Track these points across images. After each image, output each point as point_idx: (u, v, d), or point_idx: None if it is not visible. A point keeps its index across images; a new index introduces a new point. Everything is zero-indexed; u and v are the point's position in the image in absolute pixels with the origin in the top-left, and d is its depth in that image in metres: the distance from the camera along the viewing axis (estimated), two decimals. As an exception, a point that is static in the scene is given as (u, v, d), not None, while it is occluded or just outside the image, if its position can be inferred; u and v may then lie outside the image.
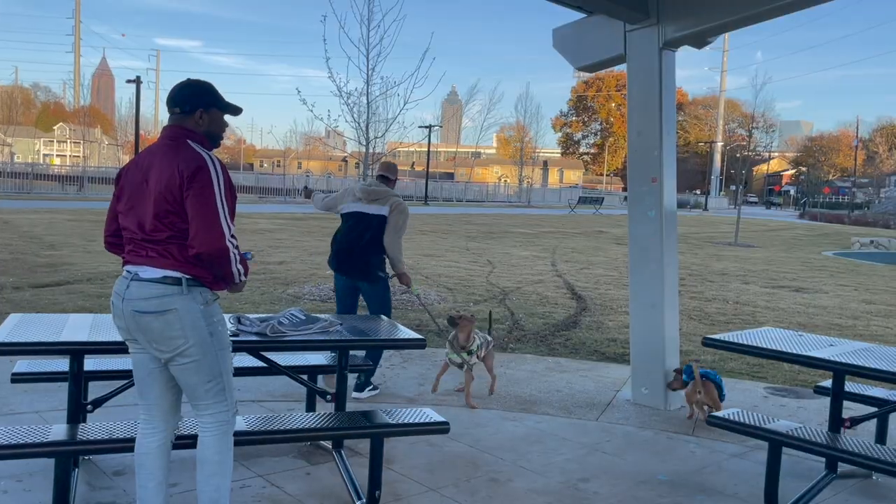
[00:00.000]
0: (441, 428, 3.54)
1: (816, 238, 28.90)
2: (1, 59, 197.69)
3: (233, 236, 2.76)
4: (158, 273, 2.70)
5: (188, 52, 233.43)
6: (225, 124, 2.93)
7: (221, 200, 2.70)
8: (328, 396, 3.77)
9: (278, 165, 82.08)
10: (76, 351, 3.17)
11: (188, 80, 2.91)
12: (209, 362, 2.78)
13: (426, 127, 44.18)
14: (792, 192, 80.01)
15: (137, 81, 29.10)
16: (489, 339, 5.53)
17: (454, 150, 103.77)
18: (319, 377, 4.44)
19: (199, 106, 2.82)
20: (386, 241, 5.18)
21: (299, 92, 10.63)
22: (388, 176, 5.43)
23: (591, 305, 9.72)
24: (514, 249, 17.46)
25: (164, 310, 2.69)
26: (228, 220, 2.73)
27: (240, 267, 2.82)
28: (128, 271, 2.77)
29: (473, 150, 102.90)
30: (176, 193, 2.66)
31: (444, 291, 10.19)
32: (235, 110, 2.94)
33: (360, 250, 5.16)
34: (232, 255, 2.74)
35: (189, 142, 2.77)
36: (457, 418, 4.64)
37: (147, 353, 2.81)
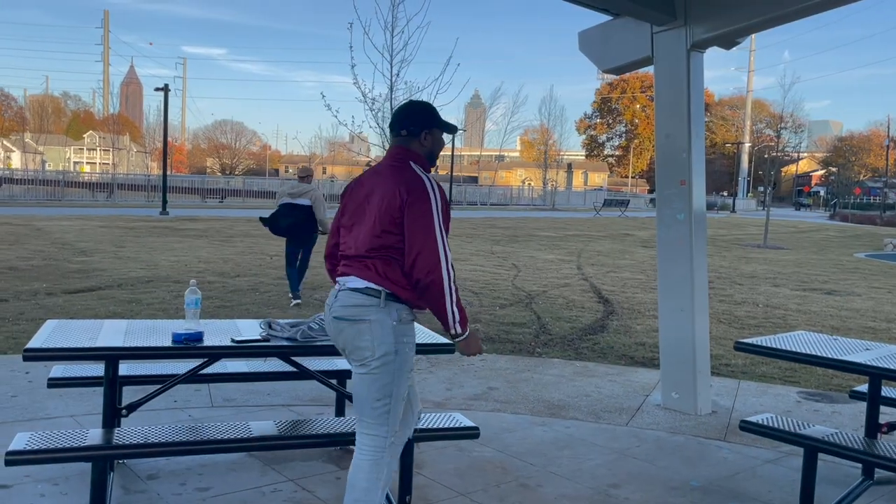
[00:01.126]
0: (471, 433, 3.54)
1: (848, 239, 28.42)
2: (32, 69, 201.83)
3: (451, 266, 2.73)
4: (362, 284, 2.75)
5: (215, 60, 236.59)
6: (443, 143, 2.99)
7: (439, 225, 2.72)
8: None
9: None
10: (112, 356, 3.22)
11: (411, 101, 3.03)
12: (385, 380, 2.73)
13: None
14: (822, 192, 78.82)
15: (165, 89, 29.45)
16: None
17: (478, 153, 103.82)
18: (348, 381, 4.46)
19: (424, 127, 2.89)
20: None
21: (324, 96, 10.69)
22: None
23: (619, 309, 9.65)
24: (540, 253, 17.40)
25: (358, 319, 2.72)
26: (446, 247, 2.72)
27: (455, 310, 2.72)
28: (338, 282, 2.84)
29: (497, 153, 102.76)
30: (395, 214, 2.71)
31: (469, 295, 10.18)
32: (453, 129, 2.99)
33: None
34: (447, 288, 2.69)
35: (411, 164, 2.83)
36: (485, 423, 4.63)
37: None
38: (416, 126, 2.87)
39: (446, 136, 3.01)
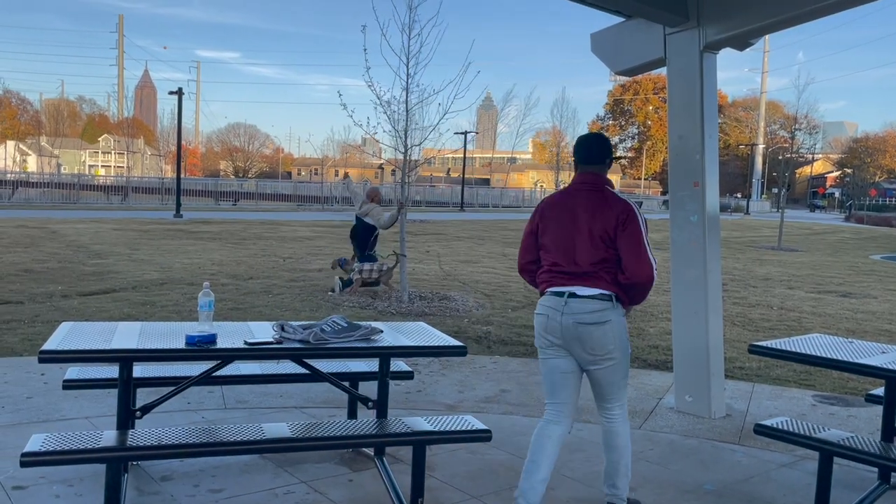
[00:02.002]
0: (483, 436, 3.53)
1: (863, 241, 28.18)
2: (48, 73, 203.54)
3: (655, 269, 3.33)
4: (595, 291, 3.30)
5: (228, 63, 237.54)
6: None
7: (646, 238, 3.32)
8: (370, 403, 3.80)
9: (316, 173, 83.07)
10: (126, 358, 3.24)
11: (599, 134, 3.66)
12: (625, 364, 3.41)
13: (462, 133, 44.28)
14: (836, 194, 78.17)
15: (179, 93, 29.64)
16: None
17: (490, 155, 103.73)
18: (360, 384, 4.47)
19: (609, 157, 3.53)
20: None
21: (341, 95, 10.68)
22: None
23: (631, 311, 9.60)
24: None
25: (603, 321, 3.29)
26: (652, 255, 3.32)
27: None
28: (558, 292, 3.36)
29: (509, 155, 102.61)
30: (612, 233, 3.29)
31: (481, 298, 10.17)
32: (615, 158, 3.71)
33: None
34: (653, 284, 3.34)
35: (608, 188, 3.44)
36: (497, 426, 4.62)
37: (565, 359, 3.39)
38: (606, 157, 3.51)
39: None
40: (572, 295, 3.31)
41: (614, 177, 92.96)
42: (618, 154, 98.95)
